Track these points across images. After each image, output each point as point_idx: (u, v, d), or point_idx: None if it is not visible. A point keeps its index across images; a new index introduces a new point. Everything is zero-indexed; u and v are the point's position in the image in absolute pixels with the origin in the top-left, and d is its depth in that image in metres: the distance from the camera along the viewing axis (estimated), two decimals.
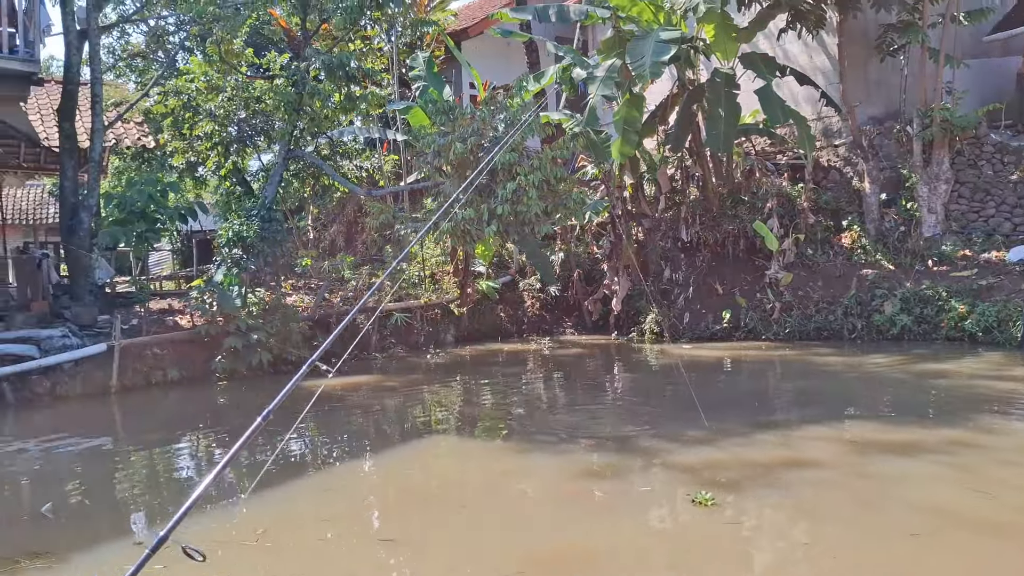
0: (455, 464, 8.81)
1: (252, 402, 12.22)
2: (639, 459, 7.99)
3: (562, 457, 8.29)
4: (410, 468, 8.62)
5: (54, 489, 8.53)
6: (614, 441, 8.86)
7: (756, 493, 6.75)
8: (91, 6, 14.72)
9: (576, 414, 10.68)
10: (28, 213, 27.02)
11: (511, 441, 9.37)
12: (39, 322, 13.07)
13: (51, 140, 16.35)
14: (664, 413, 10.41)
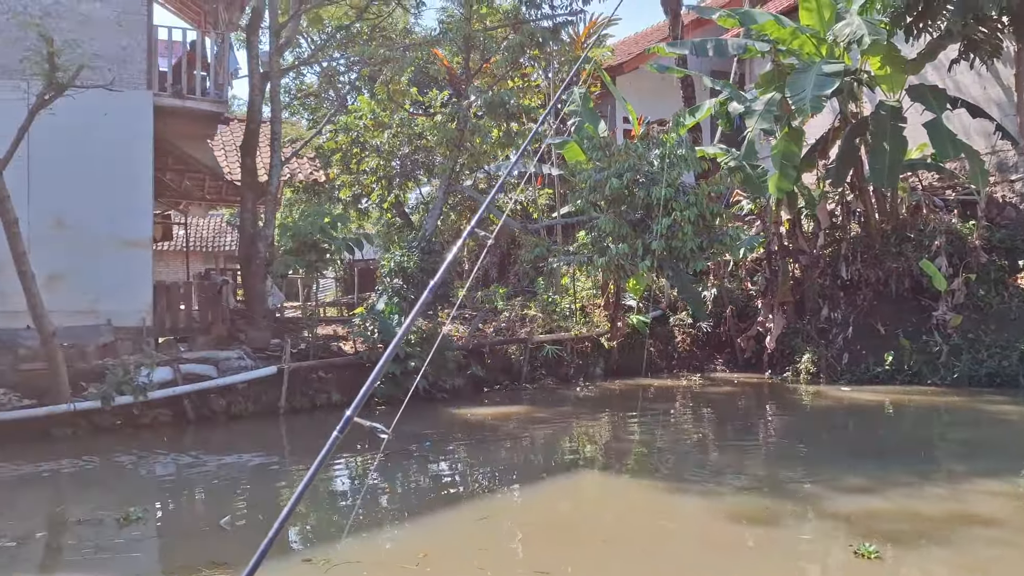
0: (602, 499, 8.88)
1: (409, 427, 12.69)
2: (793, 504, 7.82)
3: (711, 498, 8.22)
4: (558, 501, 8.75)
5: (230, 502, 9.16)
6: (766, 484, 8.70)
7: (922, 548, 6.48)
8: (273, 51, 15.84)
9: (726, 454, 10.54)
10: (208, 240, 29.14)
11: (658, 479, 9.35)
12: (218, 344, 14.05)
13: (233, 174, 17.62)
14: (821, 457, 10.13)
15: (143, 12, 13.51)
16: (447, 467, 10.91)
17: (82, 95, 10.97)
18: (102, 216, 12.97)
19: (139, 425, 11.90)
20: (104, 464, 10.45)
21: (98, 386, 11.49)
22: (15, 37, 12.06)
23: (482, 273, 23.06)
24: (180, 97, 14.18)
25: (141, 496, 9.27)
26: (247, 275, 15.54)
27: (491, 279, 22.40)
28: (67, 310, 12.12)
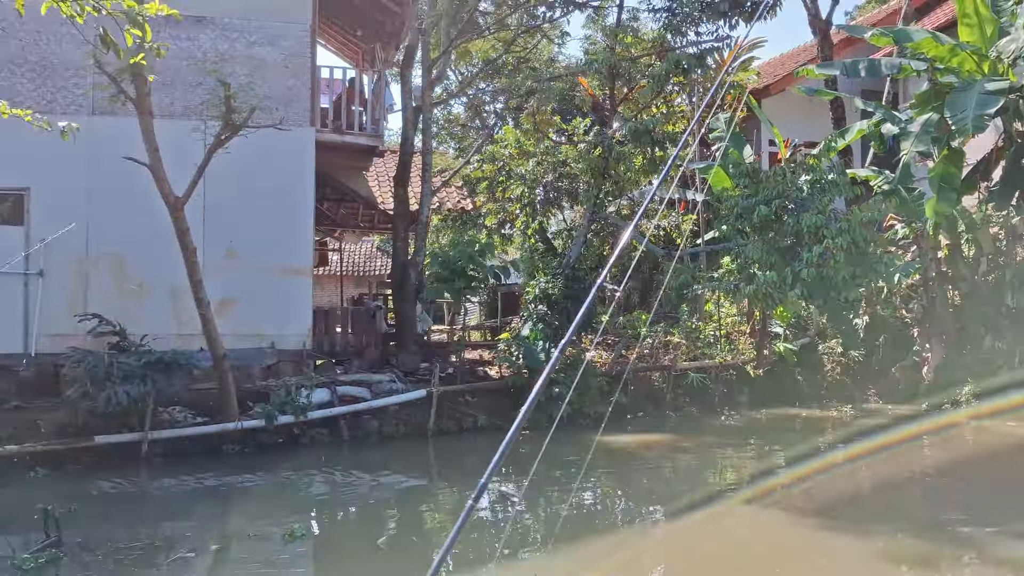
0: (748, 532, 8.76)
1: (552, 453, 12.86)
2: (953, 548, 7.51)
3: (865, 538, 7.98)
4: (703, 533, 8.70)
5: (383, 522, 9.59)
6: (924, 525, 8.38)
7: None
8: (425, 85, 16.51)
9: (880, 491, 10.18)
10: (360, 265, 30.45)
11: (807, 514, 9.14)
12: (371, 367, 14.68)
13: (385, 203, 18.40)
14: (983, 498, 9.65)
15: (307, 54, 14.38)
16: (590, 495, 11.01)
17: (253, 133, 11.78)
18: (268, 245, 13.83)
19: (299, 444, 12.55)
20: (268, 480, 11.10)
21: (263, 406, 12.21)
22: (196, 82, 13.09)
23: (624, 298, 23.06)
24: (340, 133, 14.98)
25: (302, 512, 9.81)
26: (398, 301, 16.17)
27: (633, 305, 22.37)
28: (235, 334, 12.96)
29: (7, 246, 12.85)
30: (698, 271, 17.86)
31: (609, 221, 20.63)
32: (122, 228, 13.16)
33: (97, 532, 8.39)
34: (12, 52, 12.92)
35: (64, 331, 12.55)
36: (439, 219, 21.43)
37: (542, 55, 24.02)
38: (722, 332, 17.74)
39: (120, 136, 11.93)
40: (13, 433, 11.17)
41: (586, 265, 18.90)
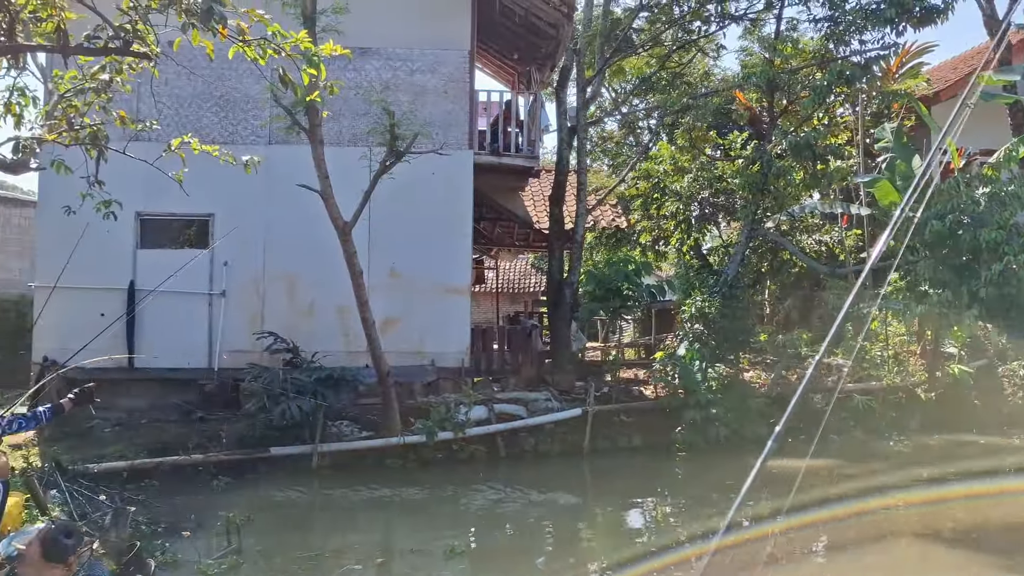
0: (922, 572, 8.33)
1: (709, 476, 12.63)
2: None
3: None
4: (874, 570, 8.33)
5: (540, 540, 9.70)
6: None
7: None
8: (580, 105, 16.65)
9: None
10: (515, 283, 30.93)
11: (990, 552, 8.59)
12: (527, 385, 14.87)
13: (540, 222, 18.64)
14: None
15: (466, 79, 14.81)
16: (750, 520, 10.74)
17: (415, 158, 12.23)
18: (429, 266, 14.29)
19: (457, 459, 12.85)
20: (429, 494, 11.44)
21: (423, 422, 12.60)
22: (362, 111, 13.72)
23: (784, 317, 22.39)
24: (497, 154, 15.32)
25: (461, 528, 10.07)
26: (554, 319, 16.33)
27: (793, 323, 21.68)
28: (398, 351, 13.44)
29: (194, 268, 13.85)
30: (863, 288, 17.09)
31: (768, 238, 20.09)
32: (295, 251, 13.93)
33: (273, 540, 8.90)
34: (199, 90, 13.95)
35: (243, 347, 13.40)
36: (593, 237, 21.49)
37: (697, 70, 23.71)
38: (890, 352, 16.91)
39: (293, 164, 12.65)
40: (199, 443, 12.01)
41: (744, 283, 18.46)
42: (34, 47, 6.20)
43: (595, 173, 23.84)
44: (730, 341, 15.26)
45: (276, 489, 11.26)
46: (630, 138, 25.52)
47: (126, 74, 6.82)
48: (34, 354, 13.44)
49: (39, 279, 13.75)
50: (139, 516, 8.41)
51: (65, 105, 7.13)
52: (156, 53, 5.88)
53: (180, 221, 14.23)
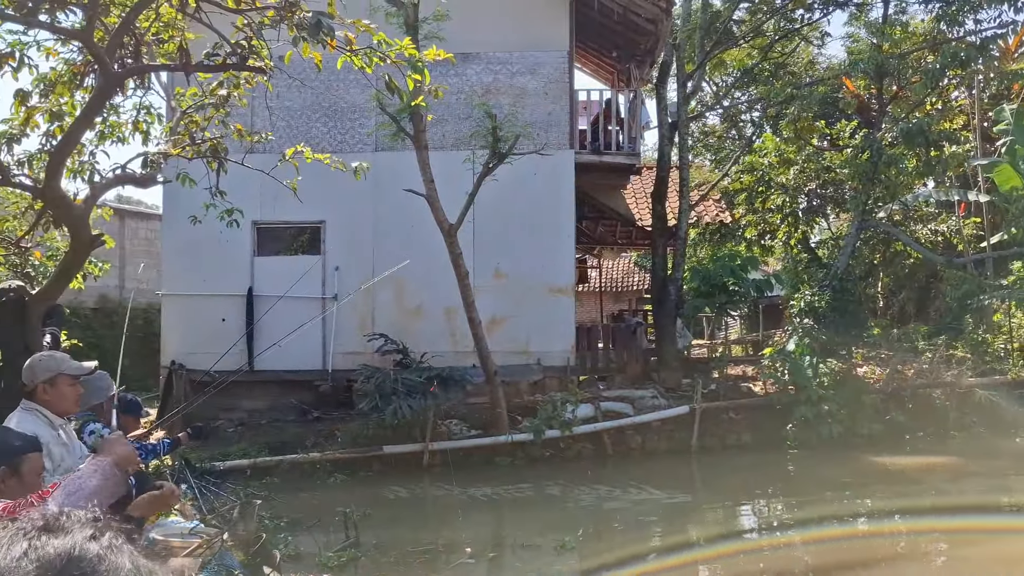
0: None
1: (822, 473, 12.37)
2: None
3: None
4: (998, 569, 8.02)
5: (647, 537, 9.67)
6: None
7: None
8: (681, 100, 16.52)
9: None
10: (617, 281, 30.81)
11: None
12: (632, 383, 14.84)
13: (642, 220, 18.56)
14: None
15: (566, 80, 14.88)
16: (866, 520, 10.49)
17: (517, 159, 12.38)
18: (532, 265, 14.42)
19: (565, 457, 12.95)
20: (537, 492, 11.57)
21: (531, 420, 12.74)
22: (465, 114, 13.96)
23: (898, 310, 21.66)
24: (598, 153, 15.34)
25: (569, 524, 10.12)
26: (658, 316, 16.24)
27: (908, 316, 20.95)
28: (504, 350, 13.60)
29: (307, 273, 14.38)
30: (984, 279, 16.42)
31: (880, 228, 19.48)
32: (402, 254, 14.21)
33: (388, 535, 9.17)
34: (308, 101, 14.45)
35: (355, 349, 13.82)
36: (697, 233, 21.25)
37: (801, 59, 23.13)
38: (1015, 345, 16.16)
39: (399, 170, 12.98)
40: (316, 442, 12.47)
41: (855, 275, 17.95)
42: (160, 67, 6.59)
43: (697, 168, 23.55)
44: (842, 335, 14.89)
45: (389, 486, 11.58)
46: (732, 132, 25.12)
47: (243, 88, 7.18)
48: (162, 358, 14.17)
49: (165, 287, 14.52)
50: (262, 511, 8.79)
51: (187, 121, 7.55)
52: (270, 67, 6.17)
53: (293, 229, 14.79)
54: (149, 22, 6.35)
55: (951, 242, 20.36)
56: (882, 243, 21.46)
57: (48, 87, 6.94)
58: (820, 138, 20.84)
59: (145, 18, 6.22)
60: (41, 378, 3.97)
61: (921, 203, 20.14)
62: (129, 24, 5.83)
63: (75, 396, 4.09)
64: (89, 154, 7.79)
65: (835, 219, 23.24)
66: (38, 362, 4.07)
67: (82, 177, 7.63)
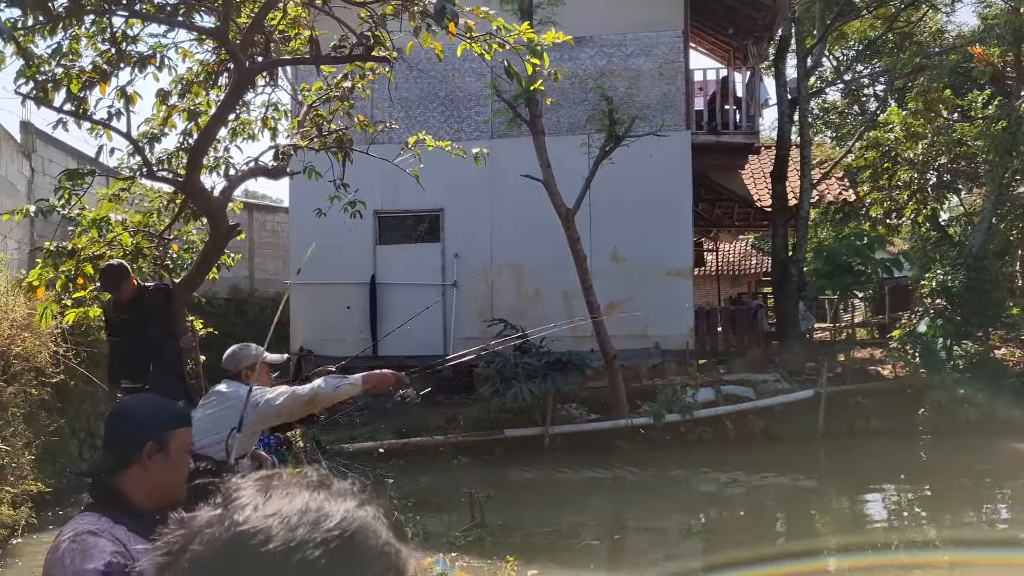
0: None
1: (957, 461, 11.87)
2: None
3: None
4: None
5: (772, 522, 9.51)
6: None
7: None
8: (801, 76, 16.04)
9: None
10: (735, 264, 30.19)
11: None
12: (753, 367, 14.53)
13: (761, 200, 18.13)
14: None
15: (681, 60, 14.66)
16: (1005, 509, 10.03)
17: (633, 142, 12.29)
18: (649, 249, 14.29)
19: (686, 441, 12.81)
20: (658, 475, 11.51)
21: (650, 404, 12.66)
22: (579, 99, 13.94)
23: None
24: (715, 133, 15.06)
25: (692, 508, 10.06)
26: (779, 299, 15.86)
27: None
28: (622, 335, 13.53)
29: (428, 260, 14.71)
30: None
31: (1018, 203, 18.46)
32: (520, 240, 14.39)
33: (511, 516, 9.29)
34: (425, 92, 14.71)
35: (474, 334, 14.01)
36: (818, 213, 20.61)
37: (928, 27, 22.06)
38: None
39: (515, 156, 13.06)
40: (439, 425, 12.74)
41: (991, 253, 17.06)
42: (291, 60, 6.85)
43: (818, 146, 22.83)
44: (978, 316, 14.21)
45: (511, 468, 11.73)
46: (854, 107, 24.20)
47: (366, 80, 7.39)
48: (291, 345, 14.73)
49: (294, 277, 15.07)
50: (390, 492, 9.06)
51: (314, 114, 7.81)
52: (394, 56, 6.32)
53: (413, 217, 15.09)
54: (277, 20, 6.59)
55: None
56: (1020, 219, 20.31)
57: (185, 87, 7.31)
58: (951, 110, 19.85)
59: (273, 16, 6.47)
60: (245, 364, 4.43)
61: None
62: (260, 21, 6.07)
63: (270, 381, 4.64)
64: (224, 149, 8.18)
65: (967, 195, 22.11)
66: (240, 352, 4.52)
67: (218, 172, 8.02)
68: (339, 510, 0.90)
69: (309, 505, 0.90)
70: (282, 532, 0.86)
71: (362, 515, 0.91)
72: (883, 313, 23.19)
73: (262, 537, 0.86)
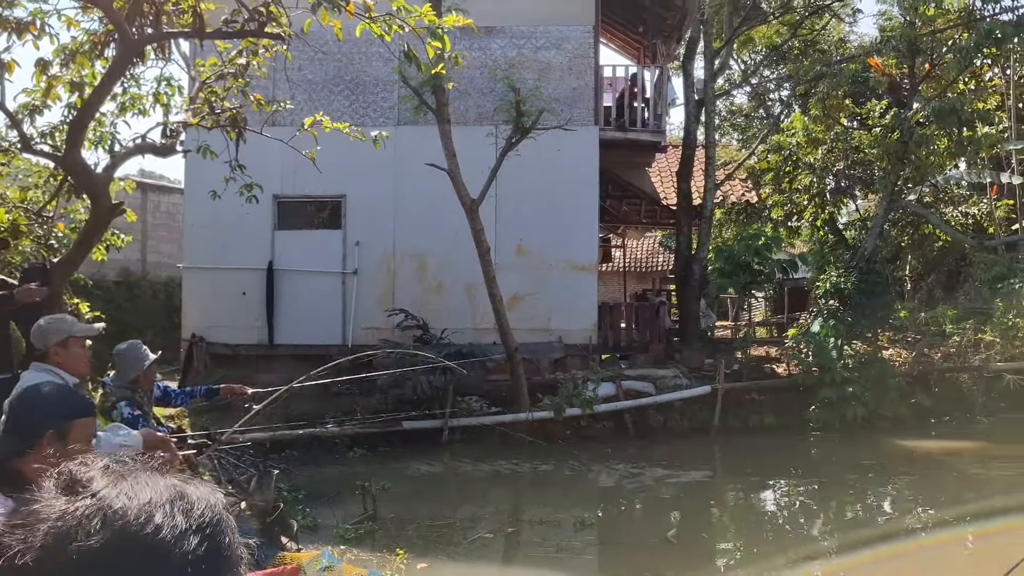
0: None
1: (845, 456, 12.23)
2: None
3: None
4: None
5: (669, 515, 9.62)
6: None
7: None
8: (708, 77, 16.27)
9: None
10: (642, 261, 30.59)
11: None
12: (655, 362, 14.70)
13: (668, 199, 18.36)
14: None
15: (591, 55, 14.69)
16: (888, 502, 10.36)
17: (540, 135, 12.24)
18: (555, 243, 14.29)
19: (586, 436, 12.87)
20: (556, 469, 11.51)
21: (551, 398, 12.65)
22: (488, 89, 13.82)
23: (926, 293, 21.36)
24: (623, 130, 15.15)
25: (589, 502, 10.09)
26: (682, 296, 16.09)
27: (937, 299, 20.63)
28: (525, 328, 13.51)
29: (328, 247, 14.38)
30: (1016, 262, 16.10)
31: (909, 210, 19.18)
32: (424, 230, 14.21)
33: (406, 509, 9.15)
34: (330, 75, 14.37)
35: (375, 324, 13.80)
36: (722, 213, 21.02)
37: (831, 36, 22.73)
38: None
39: (421, 145, 12.87)
40: (335, 416, 12.46)
41: (883, 257, 17.69)
42: (176, 33, 6.53)
43: (724, 147, 23.30)
44: (868, 318, 14.69)
45: (409, 461, 11.56)
46: (760, 110, 24.78)
47: (261, 57, 7.11)
48: (183, 331, 14.22)
49: (187, 261, 14.55)
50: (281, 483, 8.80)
51: (207, 91, 7.50)
52: (289, 34, 6.09)
53: (314, 203, 14.73)
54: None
55: (982, 225, 20.02)
56: (911, 225, 21.13)
57: (69, 57, 6.91)
58: (850, 117, 20.49)
59: None
60: (53, 340, 4.05)
61: (952, 185, 19.79)
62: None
63: (86, 357, 4.24)
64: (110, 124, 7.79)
65: (863, 200, 22.89)
66: (48, 325, 4.14)
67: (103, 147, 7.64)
68: (198, 496, 0.92)
69: (174, 492, 0.91)
70: (166, 521, 0.88)
71: (217, 499, 0.94)
72: (782, 312, 23.86)
73: (150, 528, 0.87)
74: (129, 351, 4.71)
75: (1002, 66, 18.85)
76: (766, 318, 25.95)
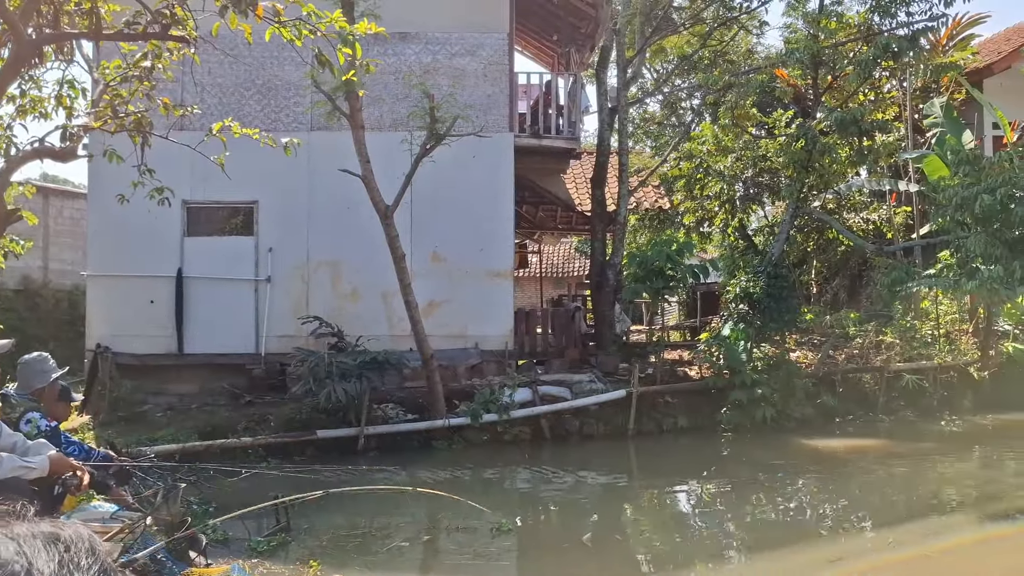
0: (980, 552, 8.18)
1: (755, 456, 12.55)
2: None
3: None
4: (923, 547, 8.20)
5: (586, 519, 9.71)
6: None
7: None
8: (620, 85, 16.53)
9: None
10: (559, 267, 30.89)
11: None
12: (571, 367, 14.86)
13: (583, 205, 18.58)
14: None
15: (505, 62, 14.78)
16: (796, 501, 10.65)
17: (455, 141, 12.25)
18: (471, 249, 14.32)
19: (502, 441, 12.90)
20: (473, 476, 11.50)
21: (468, 404, 12.66)
22: (403, 95, 13.77)
23: (831, 297, 22.09)
24: (537, 137, 15.28)
25: (507, 507, 10.08)
26: (597, 301, 16.28)
27: (841, 303, 21.36)
28: (441, 335, 13.50)
29: (240, 254, 14.09)
30: (913, 267, 16.80)
31: (814, 216, 19.83)
32: (338, 236, 14.06)
33: (321, 520, 9.01)
34: (241, 78, 14.11)
35: (289, 332, 13.58)
36: (636, 219, 21.37)
37: (740, 47, 23.38)
38: (941, 331, 16.60)
39: (335, 150, 12.75)
40: (247, 426, 12.21)
41: (789, 262, 18.23)
42: (73, 35, 6.34)
43: (637, 154, 23.67)
44: (776, 321, 15.09)
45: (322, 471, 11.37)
46: (672, 118, 25.29)
47: (167, 60, 6.95)
48: (87, 341, 13.75)
49: (91, 268, 14.07)
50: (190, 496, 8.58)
51: (111, 94, 7.29)
52: (194, 37, 5.97)
53: (225, 209, 14.44)
54: None
55: (882, 231, 20.80)
56: (816, 231, 21.83)
57: None
58: (757, 127, 21.08)
59: None
60: None
61: (854, 192, 20.53)
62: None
63: None
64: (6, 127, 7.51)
65: (771, 207, 23.56)
66: None
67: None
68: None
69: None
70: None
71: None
72: (695, 317, 24.35)
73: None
74: (35, 363, 4.58)
75: (899, 78, 19.66)
76: (679, 322, 26.45)
